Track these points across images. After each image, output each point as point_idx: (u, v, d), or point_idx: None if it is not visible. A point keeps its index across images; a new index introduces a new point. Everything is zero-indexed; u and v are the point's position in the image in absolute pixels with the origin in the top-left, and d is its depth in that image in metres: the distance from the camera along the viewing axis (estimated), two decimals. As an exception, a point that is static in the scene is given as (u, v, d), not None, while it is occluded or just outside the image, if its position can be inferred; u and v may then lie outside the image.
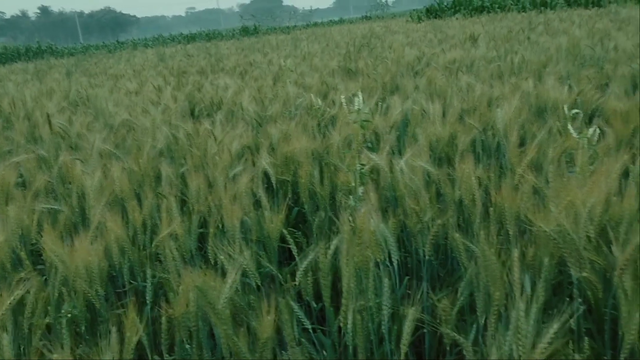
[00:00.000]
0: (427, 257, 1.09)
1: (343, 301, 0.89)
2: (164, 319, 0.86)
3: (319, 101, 2.22)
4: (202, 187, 1.31)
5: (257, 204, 1.32)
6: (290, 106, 2.36)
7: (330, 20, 24.69)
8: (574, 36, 4.25)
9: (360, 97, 1.13)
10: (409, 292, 1.22)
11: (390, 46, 5.33)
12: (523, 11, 11.08)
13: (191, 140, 1.78)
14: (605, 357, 0.88)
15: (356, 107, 1.12)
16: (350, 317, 0.89)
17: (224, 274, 0.90)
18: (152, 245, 1.10)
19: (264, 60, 4.92)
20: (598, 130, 1.19)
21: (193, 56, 7.40)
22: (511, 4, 12.45)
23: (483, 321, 0.89)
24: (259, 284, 1.03)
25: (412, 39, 6.07)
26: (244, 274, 1.03)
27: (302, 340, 1.00)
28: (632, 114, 1.72)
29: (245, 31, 18.22)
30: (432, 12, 13.66)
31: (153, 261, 1.11)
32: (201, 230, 1.28)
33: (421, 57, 3.97)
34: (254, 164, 1.58)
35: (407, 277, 1.22)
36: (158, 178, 1.51)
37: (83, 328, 0.97)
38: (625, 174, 1.20)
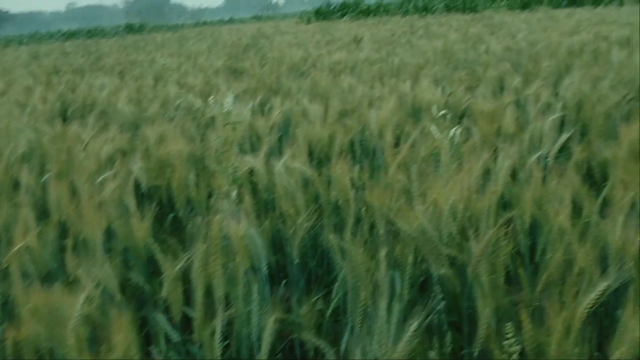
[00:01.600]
0: (296, 261, 1.09)
1: (216, 310, 0.86)
2: (8, 343, 0.79)
3: (200, 102, 2.17)
4: (64, 195, 1.22)
5: (127, 211, 1.25)
6: (169, 107, 2.28)
7: (220, 20, 24.35)
8: (450, 40, 4.49)
9: (231, 99, 1.11)
10: (288, 297, 1.22)
11: (278, 47, 5.33)
12: (406, 15, 11.56)
13: (57, 145, 1.66)
14: (465, 351, 0.92)
15: (225, 109, 1.10)
16: (218, 328, 0.86)
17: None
18: (4, 261, 1.00)
19: (147, 59, 4.74)
20: (459, 130, 1.25)
21: (71, 54, 6.99)
22: (395, 8, 12.94)
23: (352, 322, 0.90)
24: (123, 297, 0.98)
25: (300, 40, 6.12)
26: (106, 288, 0.97)
27: (171, 353, 0.96)
28: (496, 114, 1.83)
29: (129, 29, 17.49)
30: (321, 14, 13.88)
31: (3, 278, 1.01)
32: (63, 242, 1.19)
33: (307, 58, 4.01)
34: (125, 170, 1.51)
35: (280, 284, 1.21)
36: (17, 186, 1.39)
37: None
38: (487, 172, 1.27)
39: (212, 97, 1.30)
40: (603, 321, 1.06)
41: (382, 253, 0.92)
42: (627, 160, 1.27)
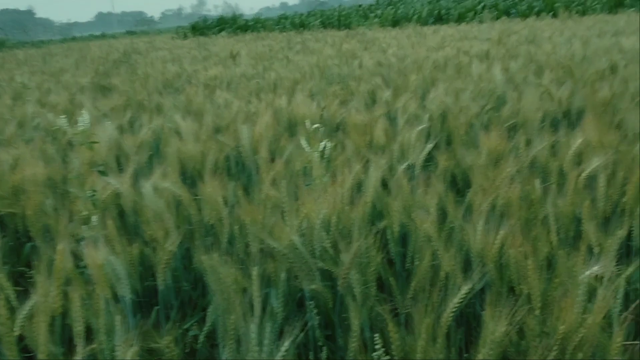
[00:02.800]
0: (162, 287, 1.03)
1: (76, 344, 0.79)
2: None
3: (62, 121, 2.03)
4: None
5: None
6: (27, 128, 2.11)
7: (91, 35, 23.23)
8: (325, 55, 4.59)
9: (86, 116, 1.03)
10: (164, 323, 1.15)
11: (152, 62, 5.16)
12: (284, 31, 11.70)
13: None
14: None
15: (81, 128, 1.02)
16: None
17: None
18: None
19: (5, 77, 4.38)
20: (330, 144, 1.26)
21: None
22: (272, 25, 13.07)
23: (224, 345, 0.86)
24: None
25: (175, 55, 5.97)
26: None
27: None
28: (368, 127, 1.87)
29: (-12, 45, 16.14)
30: (197, 29, 13.67)
31: None
32: None
33: (182, 74, 3.91)
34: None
35: (156, 308, 1.15)
36: None
37: None
38: (359, 183, 1.28)
39: (63, 116, 1.20)
40: (472, 322, 1.11)
41: (255, 272, 0.90)
42: (486, 167, 1.34)
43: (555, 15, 9.51)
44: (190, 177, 1.64)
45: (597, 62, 2.64)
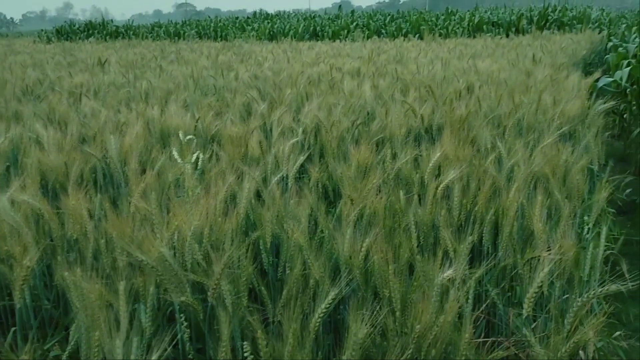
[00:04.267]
0: (19, 306, 0.96)
1: None
2: None
3: None
4: None
5: None
6: None
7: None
8: (200, 66, 4.53)
9: None
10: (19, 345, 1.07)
11: (9, 67, 4.78)
12: (158, 39, 11.39)
13: None
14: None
15: None
16: None
17: None
18: None
19: None
20: (202, 155, 1.25)
21: None
22: (145, 33, 12.67)
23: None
24: None
25: (36, 61, 5.59)
26: None
27: None
28: (243, 139, 1.88)
29: None
30: (63, 34, 12.91)
31: None
32: None
33: (44, 80, 3.67)
34: None
35: (13, 329, 1.07)
36: None
37: None
38: (233, 195, 1.29)
39: None
40: (340, 328, 1.15)
41: (121, 287, 0.87)
42: (355, 178, 1.41)
43: (421, 37, 10.16)
44: (52, 190, 1.55)
45: (455, 83, 2.86)
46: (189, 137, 1.54)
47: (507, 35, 9.86)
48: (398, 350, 0.71)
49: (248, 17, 15.45)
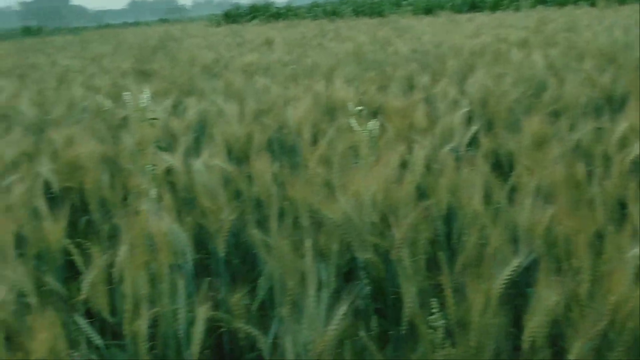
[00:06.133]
0: (224, 255, 1.07)
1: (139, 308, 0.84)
2: None
3: (109, 103, 2.09)
4: (-34, 199, 1.14)
5: (37, 215, 1.19)
6: (76, 109, 2.18)
7: (124, 22, 23.52)
8: (359, 42, 4.59)
9: (148, 94, 1.08)
10: (211, 294, 1.20)
11: (188, 49, 5.23)
12: (316, 19, 11.70)
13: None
14: (390, 332, 0.95)
15: (142, 105, 1.07)
16: (144, 324, 0.84)
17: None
18: None
19: (47, 62, 4.50)
20: (378, 124, 1.28)
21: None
22: (304, 12, 13.07)
23: (281, 313, 0.91)
24: (40, 302, 0.93)
25: (210, 42, 6.04)
26: (21, 293, 0.92)
27: (94, 356, 0.92)
28: (408, 110, 1.89)
29: (26, 31, 16.53)
30: (230, 17, 13.76)
31: None
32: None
33: (219, 60, 3.96)
34: (32, 173, 1.43)
35: (204, 279, 1.20)
36: None
37: None
38: (404, 163, 1.31)
39: (127, 93, 1.25)
40: (516, 300, 1.13)
41: (308, 243, 0.93)
42: (531, 149, 1.36)
43: (593, 4, 9.30)
44: (235, 158, 1.69)
45: (640, 50, 2.60)
46: (358, 108, 1.59)
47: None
48: (591, 320, 0.69)
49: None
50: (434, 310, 0.71)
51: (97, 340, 0.91)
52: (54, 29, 18.28)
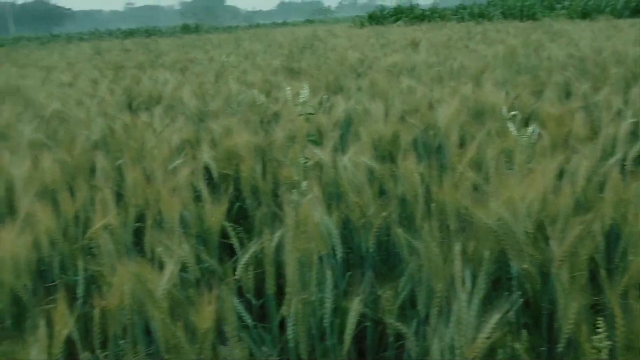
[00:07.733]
0: (370, 251, 1.08)
1: (287, 293, 0.87)
2: (96, 313, 0.82)
3: (262, 97, 2.20)
4: (139, 179, 1.26)
5: (198, 197, 1.28)
6: (232, 102, 2.32)
7: (273, 22, 24.60)
8: (509, 45, 4.40)
9: (307, 90, 1.12)
10: (351, 288, 1.21)
11: (333, 49, 5.35)
12: (462, 21, 11.42)
13: (128, 133, 1.71)
14: (542, 348, 0.90)
15: (302, 100, 1.11)
16: (293, 310, 0.87)
17: (161, 268, 0.87)
18: (85, 238, 1.04)
19: (206, 58, 4.84)
20: (537, 130, 1.23)
21: (131, 51, 7.20)
22: (450, 14, 12.80)
23: (424, 314, 0.90)
24: (199, 278, 1.00)
25: (354, 43, 6.12)
26: (183, 268, 1.00)
27: (242, 335, 0.97)
28: (565, 118, 1.78)
29: (186, 29, 17.91)
30: (374, 18, 13.86)
31: (85, 254, 1.05)
32: (138, 224, 1.23)
33: (363, 60, 4.00)
34: (194, 158, 1.54)
35: (348, 273, 1.21)
36: (92, 170, 1.44)
37: (9, 322, 0.92)
38: (561, 173, 1.24)
39: (288, 87, 1.31)
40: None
41: (457, 247, 0.91)
42: None
43: None
44: (380, 156, 1.69)
45: None
46: (513, 113, 1.52)
47: None
48: None
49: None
50: (599, 330, 0.66)
51: (248, 319, 0.96)
52: (210, 27, 19.62)
